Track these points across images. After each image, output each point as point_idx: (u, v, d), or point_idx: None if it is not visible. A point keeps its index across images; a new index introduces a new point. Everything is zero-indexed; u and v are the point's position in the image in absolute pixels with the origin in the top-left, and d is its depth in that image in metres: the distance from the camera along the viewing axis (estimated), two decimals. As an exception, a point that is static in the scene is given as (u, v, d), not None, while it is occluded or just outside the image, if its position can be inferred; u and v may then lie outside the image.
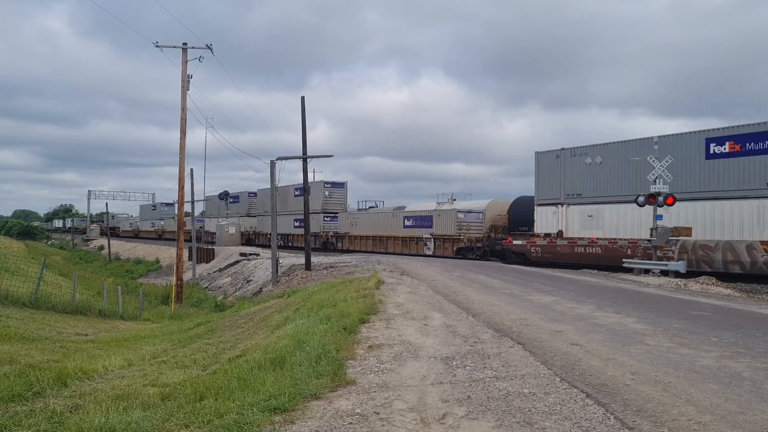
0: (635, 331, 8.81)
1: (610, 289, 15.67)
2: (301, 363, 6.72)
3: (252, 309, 16.92)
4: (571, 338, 8.21)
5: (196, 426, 5.16)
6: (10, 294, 16.83)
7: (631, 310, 11.32)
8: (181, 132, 26.50)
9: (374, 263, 26.25)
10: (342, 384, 5.87)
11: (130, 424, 5.30)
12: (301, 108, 27.78)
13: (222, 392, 6.14)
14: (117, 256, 66.02)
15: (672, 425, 4.66)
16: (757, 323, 10.06)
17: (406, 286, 15.28)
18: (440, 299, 12.62)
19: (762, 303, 14.18)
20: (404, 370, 6.44)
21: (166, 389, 6.98)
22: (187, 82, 26.30)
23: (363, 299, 11.75)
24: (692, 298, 14.15)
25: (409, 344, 7.76)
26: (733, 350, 7.51)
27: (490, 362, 6.75)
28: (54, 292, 19.63)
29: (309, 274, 25.74)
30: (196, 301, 29.01)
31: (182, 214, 28.14)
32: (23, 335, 12.08)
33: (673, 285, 17.74)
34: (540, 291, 14.68)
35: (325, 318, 9.84)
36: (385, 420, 4.84)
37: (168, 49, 26.58)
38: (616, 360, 6.87)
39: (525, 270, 23.35)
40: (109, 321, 19.02)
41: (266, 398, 5.46)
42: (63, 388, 7.53)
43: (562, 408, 5.07)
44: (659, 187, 20.78)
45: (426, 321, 9.66)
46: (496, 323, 9.48)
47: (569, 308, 11.45)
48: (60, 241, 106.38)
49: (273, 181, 27.79)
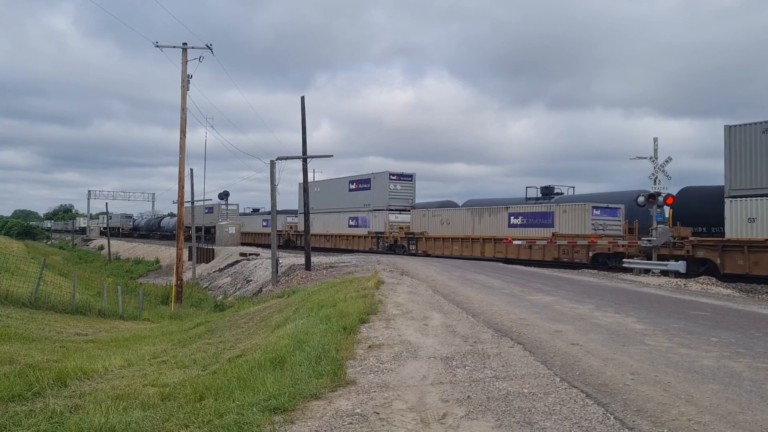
0: (635, 331, 8.81)
1: (609, 289, 15.67)
2: (301, 363, 6.72)
3: (252, 309, 16.91)
4: (571, 338, 8.21)
5: (196, 426, 5.16)
6: (10, 294, 16.83)
7: (631, 310, 11.32)
8: (181, 132, 26.51)
9: (374, 263, 26.25)
10: (342, 384, 5.88)
11: (130, 424, 5.30)
12: (301, 108, 27.81)
13: (222, 392, 6.14)
14: (117, 256, 66.03)
15: (672, 425, 4.67)
16: (757, 323, 10.06)
17: (405, 286, 15.29)
18: (440, 299, 12.62)
19: (762, 303, 14.19)
20: (404, 370, 6.44)
21: (166, 389, 6.99)
22: (187, 82, 26.31)
23: (363, 299, 11.76)
24: (692, 298, 14.16)
25: (409, 344, 7.76)
26: (733, 350, 7.51)
27: (490, 362, 6.75)
28: (54, 292, 19.62)
29: (309, 274, 25.74)
30: (196, 301, 29.01)
31: (182, 213, 28.13)
32: (23, 335, 12.08)
33: (673, 285, 17.74)
34: (540, 291, 14.68)
35: (325, 318, 9.85)
36: (385, 420, 4.84)
37: (169, 49, 26.61)
38: (616, 360, 6.87)
39: (525, 270, 23.34)
40: (109, 321, 19.01)
41: (266, 398, 5.46)
42: (63, 388, 7.53)
43: (562, 408, 5.07)
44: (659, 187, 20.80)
45: (426, 321, 9.67)
46: (495, 323, 9.48)
47: (569, 308, 11.45)
48: (60, 241, 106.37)
49: (273, 181, 27.78)
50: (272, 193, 28.29)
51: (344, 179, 45.76)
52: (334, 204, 46.36)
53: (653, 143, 23.37)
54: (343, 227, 44.71)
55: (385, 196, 40.43)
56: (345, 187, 45.10)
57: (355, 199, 43.40)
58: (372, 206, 41.15)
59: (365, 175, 43.01)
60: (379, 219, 40.20)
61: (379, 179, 40.85)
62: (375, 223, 40.87)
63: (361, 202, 42.61)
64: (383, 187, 40.55)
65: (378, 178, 41.00)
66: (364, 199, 42.44)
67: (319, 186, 49.26)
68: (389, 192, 40.40)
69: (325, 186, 49.02)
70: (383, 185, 40.59)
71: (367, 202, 42.00)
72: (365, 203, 42.20)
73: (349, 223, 43.79)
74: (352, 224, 43.48)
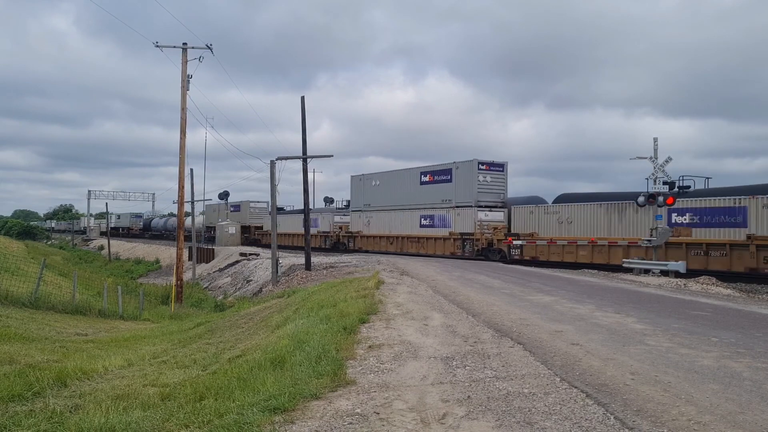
0: (635, 331, 8.81)
1: (609, 289, 15.66)
2: (301, 363, 6.72)
3: (252, 309, 16.92)
4: (571, 338, 8.21)
5: (196, 426, 5.16)
6: (10, 294, 16.84)
7: (631, 310, 11.32)
8: (181, 132, 26.52)
9: (374, 263, 26.26)
10: (342, 384, 5.88)
11: (130, 424, 5.30)
12: (301, 108, 27.82)
13: (222, 392, 6.14)
14: (117, 256, 66.05)
15: (672, 425, 4.66)
16: (757, 323, 10.06)
17: (406, 286, 15.28)
18: (440, 299, 12.62)
19: (762, 303, 14.18)
20: (404, 370, 6.44)
21: (166, 389, 6.99)
22: (187, 82, 26.32)
23: (363, 299, 11.75)
24: (692, 298, 14.15)
25: (409, 344, 7.76)
26: (733, 350, 7.51)
27: (490, 362, 6.75)
28: (54, 292, 19.64)
29: (309, 274, 25.74)
30: (196, 301, 29.03)
31: (182, 213, 28.15)
32: (23, 335, 12.08)
33: (673, 285, 17.74)
34: (540, 291, 14.67)
35: (325, 318, 9.85)
36: (385, 420, 4.84)
37: (169, 49, 26.63)
38: (616, 360, 6.87)
39: (525, 270, 23.34)
40: (109, 321, 19.01)
41: (266, 398, 5.46)
42: (63, 388, 7.54)
43: (562, 408, 5.07)
44: (659, 187, 20.78)
45: (426, 321, 9.66)
46: (496, 323, 9.48)
47: (569, 308, 11.45)
48: (60, 241, 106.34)
49: (273, 181, 27.79)
50: (272, 193, 28.29)
51: (413, 170, 38.38)
52: (398, 200, 39.14)
53: (653, 143, 23.38)
54: (412, 227, 37.60)
55: (472, 189, 33.27)
56: (414, 179, 37.82)
57: (430, 194, 36.57)
58: (454, 202, 34.63)
59: (443, 165, 35.96)
60: (465, 217, 33.51)
61: (465, 170, 33.85)
62: (459, 222, 34.06)
63: (438, 197, 35.79)
64: (470, 179, 33.51)
65: (463, 168, 33.98)
66: (441, 194, 35.61)
67: (378, 179, 41.90)
68: (478, 185, 33.27)
69: (387, 179, 41.05)
70: (469, 176, 33.51)
71: (446, 197, 35.18)
72: (444, 198, 35.32)
73: (421, 223, 36.90)
74: (426, 223, 36.60)
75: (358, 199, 43.63)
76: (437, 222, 36.03)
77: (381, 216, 40.78)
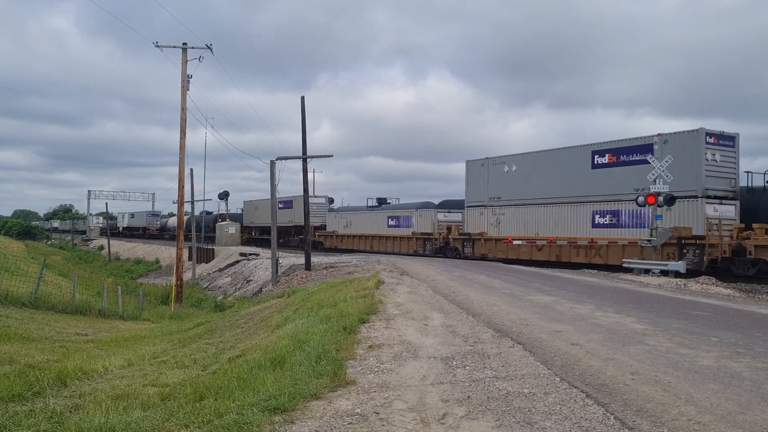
0: (635, 331, 8.81)
1: (609, 289, 15.66)
2: (301, 363, 6.72)
3: (252, 309, 16.92)
4: (571, 338, 8.21)
5: (196, 426, 5.16)
6: (10, 294, 16.84)
7: (631, 310, 11.32)
8: (180, 132, 26.53)
9: (374, 263, 26.26)
10: (342, 384, 5.87)
11: (130, 424, 5.30)
12: (301, 108, 27.81)
13: (222, 392, 6.14)
14: (117, 256, 66.04)
15: (672, 425, 4.66)
16: (757, 323, 10.05)
17: (406, 286, 15.29)
18: (440, 299, 12.62)
19: (762, 303, 14.18)
20: (404, 370, 6.44)
21: (166, 389, 6.99)
22: (187, 82, 26.33)
23: (363, 299, 11.76)
24: (692, 298, 14.15)
25: (409, 344, 7.76)
26: (733, 350, 7.51)
27: (490, 362, 6.75)
28: (54, 292, 19.64)
29: (309, 274, 25.74)
30: (196, 301, 29.03)
31: (182, 213, 28.15)
32: (23, 335, 12.08)
33: (673, 285, 17.73)
34: (540, 291, 14.68)
35: (325, 318, 9.85)
36: (385, 420, 4.84)
37: (169, 49, 26.63)
38: (616, 360, 6.87)
39: (525, 270, 23.34)
40: (109, 321, 19.02)
41: (266, 398, 5.46)
42: (63, 388, 7.54)
43: (562, 408, 5.07)
44: (659, 186, 20.75)
45: (426, 321, 9.67)
46: (496, 323, 9.48)
47: (569, 308, 11.45)
48: (60, 241, 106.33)
49: (273, 181, 27.80)
50: (272, 192, 28.29)
51: (580, 148, 26.58)
52: (549, 191, 27.84)
53: (653, 143, 23.37)
54: (577, 227, 26.36)
55: (695, 172, 21.78)
56: (583, 160, 26.22)
57: (608, 180, 25.04)
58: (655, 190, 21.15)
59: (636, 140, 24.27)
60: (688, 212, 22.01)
61: (678, 143, 22.28)
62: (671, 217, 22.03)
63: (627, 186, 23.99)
64: (692, 158, 21.84)
65: (675, 140, 22.40)
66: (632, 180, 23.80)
67: (514, 162, 30.47)
68: (705, 165, 21.73)
69: (532, 162, 29.39)
70: (691, 154, 21.88)
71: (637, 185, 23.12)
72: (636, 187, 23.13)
73: (595, 221, 25.60)
74: (601, 222, 25.35)
75: (478, 190, 32.37)
76: (625, 220, 24.59)
77: (519, 212, 29.88)
